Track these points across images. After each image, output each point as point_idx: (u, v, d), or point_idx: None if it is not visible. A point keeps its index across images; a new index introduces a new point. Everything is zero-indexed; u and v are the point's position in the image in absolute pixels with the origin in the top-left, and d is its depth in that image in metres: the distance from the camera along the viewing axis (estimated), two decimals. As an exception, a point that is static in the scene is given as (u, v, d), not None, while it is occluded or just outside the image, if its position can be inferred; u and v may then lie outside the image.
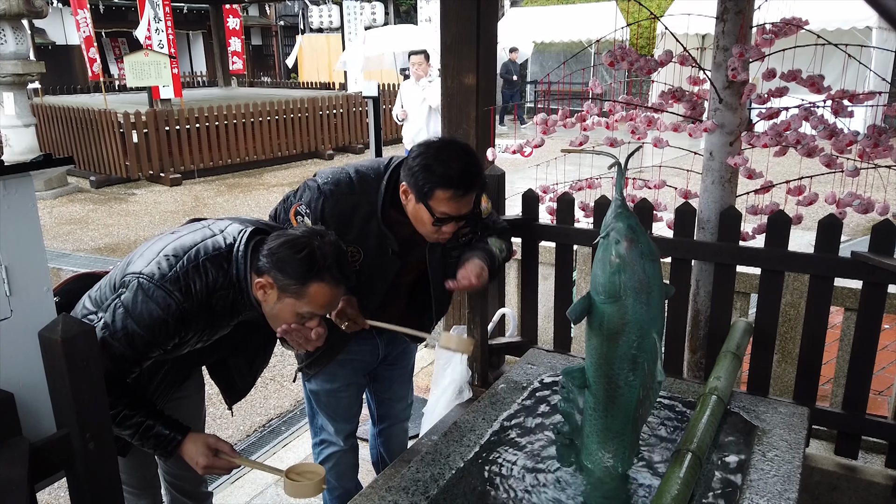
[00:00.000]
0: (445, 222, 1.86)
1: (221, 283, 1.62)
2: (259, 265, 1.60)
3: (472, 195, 1.85)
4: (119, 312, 1.57)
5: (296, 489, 1.72)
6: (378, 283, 2.05)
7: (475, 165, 1.85)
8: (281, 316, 1.62)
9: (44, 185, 9.11)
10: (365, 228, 1.96)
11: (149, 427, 1.63)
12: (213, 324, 1.67)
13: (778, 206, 2.41)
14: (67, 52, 18.66)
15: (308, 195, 1.95)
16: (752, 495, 1.60)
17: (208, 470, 1.69)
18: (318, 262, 1.55)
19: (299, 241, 1.58)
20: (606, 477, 1.71)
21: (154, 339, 1.58)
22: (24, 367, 1.35)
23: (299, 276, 1.55)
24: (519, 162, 3.27)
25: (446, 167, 1.79)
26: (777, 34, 2.30)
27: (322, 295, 1.58)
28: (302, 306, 1.58)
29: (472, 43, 2.65)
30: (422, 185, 1.81)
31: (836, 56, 2.45)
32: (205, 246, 1.64)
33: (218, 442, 1.70)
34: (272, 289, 1.59)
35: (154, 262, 1.61)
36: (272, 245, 1.59)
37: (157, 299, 1.56)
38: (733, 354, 2.11)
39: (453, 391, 2.79)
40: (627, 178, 2.70)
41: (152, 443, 1.65)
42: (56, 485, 2.68)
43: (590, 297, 1.66)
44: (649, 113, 2.68)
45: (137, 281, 1.58)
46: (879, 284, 2.17)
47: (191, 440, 1.68)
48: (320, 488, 1.72)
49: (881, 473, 2.30)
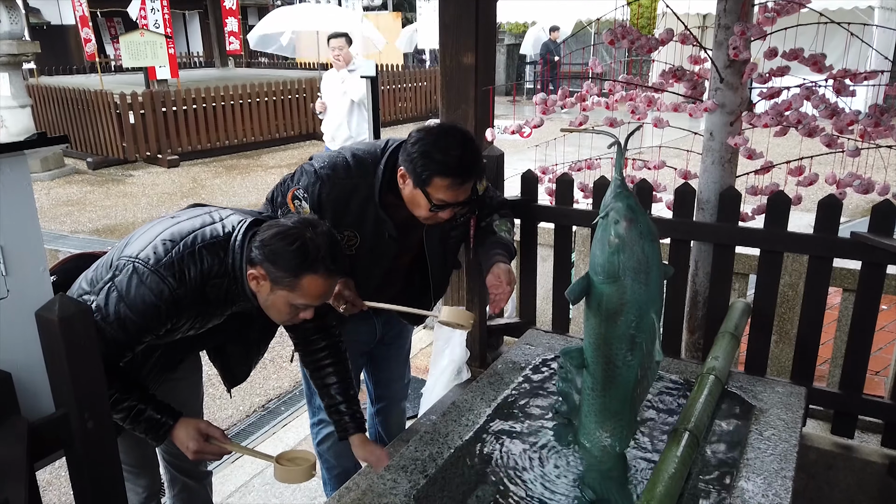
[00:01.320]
0: (442, 209, 1.86)
1: (217, 271, 1.61)
2: (252, 256, 1.58)
3: (470, 183, 1.84)
4: (112, 296, 1.57)
5: (286, 475, 1.73)
6: (375, 266, 2.04)
7: (474, 153, 1.84)
8: (275, 307, 1.62)
9: (40, 166, 9.07)
10: (362, 212, 1.95)
11: (140, 411, 1.64)
12: (205, 311, 1.66)
13: (778, 187, 2.40)
14: (63, 32, 18.48)
15: (305, 179, 1.94)
16: (749, 473, 1.62)
17: (199, 455, 1.69)
18: (311, 255, 1.53)
19: (291, 232, 1.55)
20: (604, 456, 1.72)
21: (146, 325, 1.57)
22: (22, 346, 1.35)
23: (292, 268, 1.54)
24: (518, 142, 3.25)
25: (445, 154, 1.78)
26: (779, 12, 2.28)
27: (316, 287, 1.57)
28: (295, 298, 1.58)
29: (470, 21, 2.61)
30: (420, 172, 1.80)
31: (838, 35, 2.43)
32: (202, 233, 1.63)
33: (209, 427, 1.70)
34: (265, 280, 1.58)
35: (150, 247, 1.60)
36: (264, 236, 1.57)
37: (151, 284, 1.55)
38: (731, 335, 2.11)
39: (452, 372, 2.80)
40: (627, 158, 2.69)
41: (143, 427, 1.66)
42: (56, 464, 2.70)
43: (588, 277, 1.66)
44: (649, 93, 2.66)
45: (133, 265, 1.57)
46: (878, 265, 2.16)
47: (182, 425, 1.68)
48: (310, 474, 1.73)
49: (877, 452, 2.32)
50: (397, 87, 13.91)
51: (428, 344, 3.72)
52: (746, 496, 1.54)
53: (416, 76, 14.49)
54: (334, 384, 1.92)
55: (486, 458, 1.76)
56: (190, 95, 10.36)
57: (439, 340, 2.89)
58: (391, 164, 1.94)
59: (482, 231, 2.14)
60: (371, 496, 1.58)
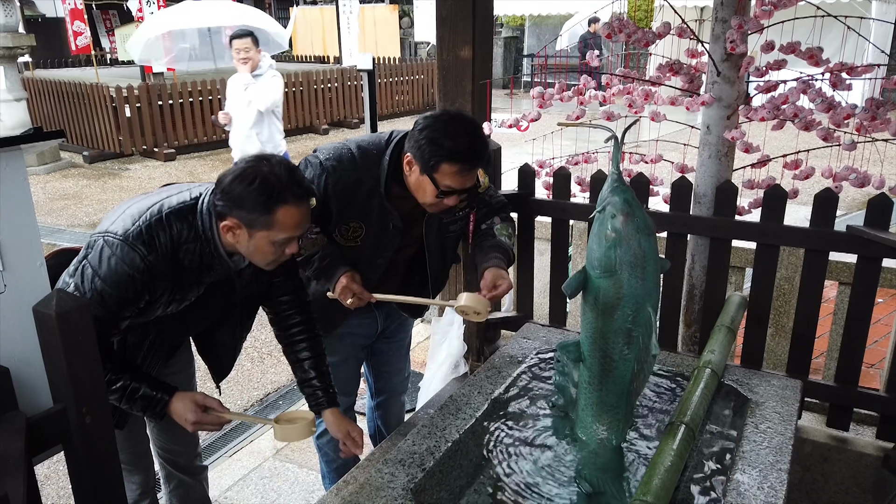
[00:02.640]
0: (449, 195, 1.86)
1: (187, 236, 1.61)
2: (219, 209, 1.58)
3: (477, 170, 1.86)
4: (87, 273, 1.57)
5: (286, 433, 1.76)
6: (378, 257, 2.05)
7: (482, 140, 1.86)
8: (259, 250, 1.60)
9: (36, 160, 9.03)
10: (367, 204, 1.96)
11: (134, 389, 1.64)
12: (182, 280, 1.65)
13: (774, 181, 2.40)
14: (58, 25, 18.34)
15: (311, 171, 1.95)
16: (745, 466, 1.62)
17: (198, 426, 1.69)
18: (275, 186, 1.53)
19: (248, 172, 1.55)
20: (601, 449, 1.73)
21: (123, 296, 1.57)
22: (19, 341, 1.35)
23: (261, 205, 1.54)
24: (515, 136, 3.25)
25: (454, 141, 1.79)
26: (776, 6, 2.27)
27: (290, 216, 1.56)
28: (275, 235, 1.57)
29: (468, 14, 2.61)
30: (428, 158, 1.81)
31: (835, 28, 2.43)
32: (169, 201, 1.64)
33: (206, 398, 1.71)
34: (240, 228, 1.58)
35: (119, 221, 1.61)
36: (224, 185, 1.57)
37: (122, 255, 1.55)
38: (728, 328, 2.12)
39: (449, 366, 2.80)
40: (624, 152, 2.69)
41: (140, 405, 1.66)
42: (55, 458, 2.70)
43: (585, 271, 1.66)
44: (647, 86, 2.66)
45: (103, 239, 1.58)
46: (874, 258, 2.17)
47: (178, 398, 1.69)
48: (309, 430, 1.75)
49: (872, 445, 2.33)
50: (394, 81, 13.88)
51: (426, 338, 3.72)
52: (742, 489, 1.55)
53: (413, 69, 14.45)
54: (307, 359, 1.93)
55: (483, 451, 1.77)
56: (186, 89, 10.31)
57: (437, 334, 2.90)
58: (396, 156, 1.94)
59: (482, 234, 2.14)
60: (369, 489, 1.59)
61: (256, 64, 5.03)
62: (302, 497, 2.76)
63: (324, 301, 2.09)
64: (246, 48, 4.96)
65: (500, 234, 2.13)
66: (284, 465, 2.96)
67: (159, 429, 2.07)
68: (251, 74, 5.00)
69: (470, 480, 1.68)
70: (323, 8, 18.58)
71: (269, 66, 5.16)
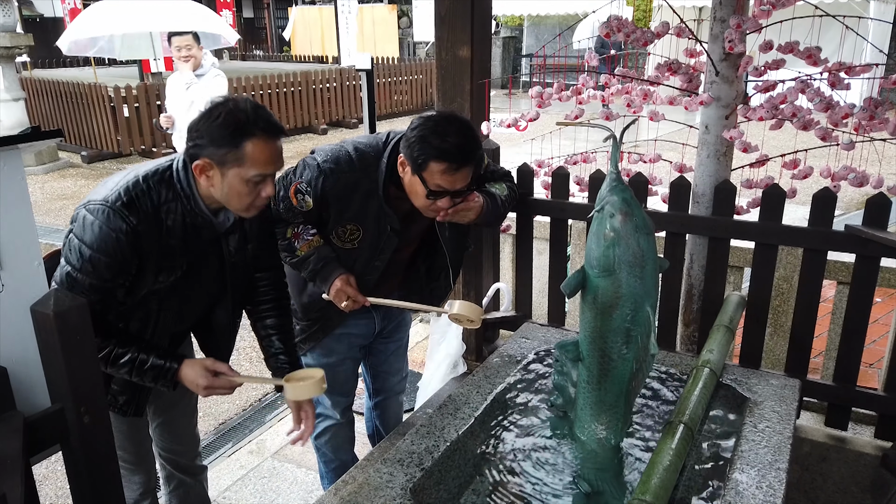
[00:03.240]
0: (439, 196, 1.86)
1: (166, 195, 1.62)
2: (191, 152, 1.59)
3: (467, 170, 1.85)
4: (74, 245, 1.58)
5: (297, 391, 1.75)
6: (376, 259, 2.05)
7: (473, 140, 1.85)
8: (233, 190, 1.60)
9: (35, 160, 9.02)
10: (365, 206, 1.96)
11: (143, 361, 1.65)
12: (169, 244, 1.65)
13: (773, 180, 2.40)
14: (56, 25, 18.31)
15: (308, 173, 1.95)
16: (743, 465, 1.63)
17: (210, 391, 1.70)
18: (242, 119, 1.54)
19: (214, 110, 1.57)
20: (599, 448, 1.73)
21: (113, 260, 1.57)
22: (17, 341, 1.35)
23: (229, 139, 1.54)
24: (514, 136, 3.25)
25: (442, 140, 1.79)
26: (774, 5, 2.27)
27: (260, 150, 1.56)
28: (247, 171, 1.57)
29: (466, 15, 2.61)
30: (416, 157, 1.81)
31: (833, 28, 2.43)
32: (145, 168, 1.66)
33: (215, 363, 1.72)
34: (213, 168, 1.58)
35: (98, 192, 1.62)
36: (192, 128, 1.59)
37: (105, 219, 1.56)
38: (726, 328, 2.12)
39: (448, 365, 2.80)
40: (623, 151, 2.69)
41: (150, 376, 1.67)
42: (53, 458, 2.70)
43: (584, 270, 1.66)
44: (645, 86, 2.66)
45: (84, 209, 1.59)
46: (872, 258, 2.17)
47: (188, 365, 1.69)
48: (320, 387, 1.74)
49: (870, 444, 2.33)
50: (393, 81, 13.88)
51: (424, 338, 3.72)
52: (740, 488, 1.55)
53: (411, 69, 14.45)
54: (275, 334, 1.93)
55: (481, 451, 1.77)
56: (184, 89, 10.29)
57: (435, 334, 2.90)
58: (393, 158, 1.94)
59: None
60: (367, 489, 1.59)
61: (199, 63, 4.80)
62: (300, 497, 2.76)
63: (321, 302, 2.09)
64: (188, 45, 4.72)
65: (493, 187, 2.14)
66: (283, 464, 2.96)
67: (161, 429, 2.07)
68: (194, 74, 4.76)
69: (468, 480, 1.68)
70: (321, 8, 18.58)
71: (213, 64, 4.95)
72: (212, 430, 3.31)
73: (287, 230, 2.03)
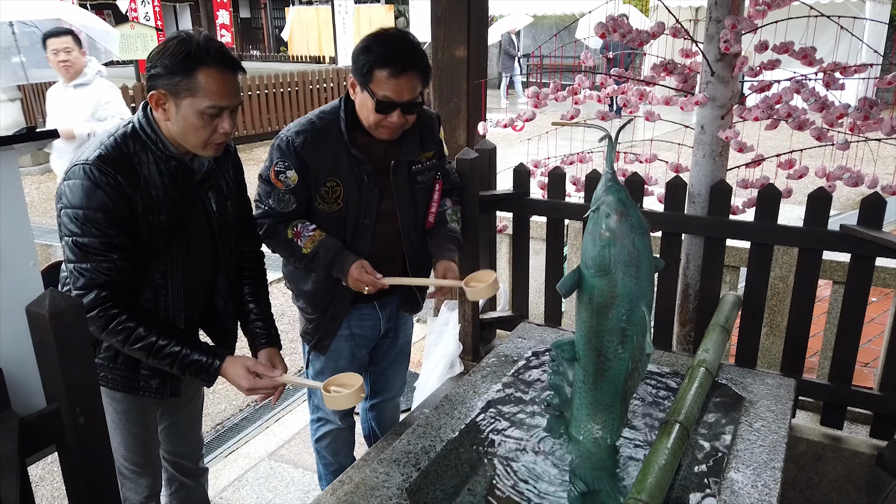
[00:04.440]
0: (389, 108, 1.90)
1: (134, 147, 1.63)
2: (148, 85, 1.61)
3: (411, 77, 1.89)
4: (68, 214, 1.58)
5: (335, 401, 1.75)
6: (363, 217, 2.07)
7: (416, 49, 1.92)
8: (188, 124, 1.60)
9: (31, 160, 9.00)
10: (338, 158, 2.01)
11: (185, 356, 1.67)
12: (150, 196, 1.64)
13: (768, 180, 2.41)
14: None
15: (279, 152, 2.00)
16: (739, 464, 1.63)
17: (252, 392, 1.72)
18: (192, 48, 1.55)
19: (168, 42, 1.59)
20: (595, 448, 1.73)
21: (108, 214, 1.57)
22: (13, 341, 1.35)
23: (181, 67, 1.55)
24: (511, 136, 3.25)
25: (384, 47, 1.87)
26: (770, 6, 2.28)
27: (213, 80, 1.57)
28: (200, 101, 1.57)
29: (463, 15, 2.62)
30: (362, 67, 1.89)
31: (829, 28, 2.44)
32: (109, 133, 1.67)
33: (256, 364, 1.74)
34: (167, 100, 1.59)
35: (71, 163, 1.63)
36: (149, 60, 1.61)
37: (84, 177, 1.56)
38: (722, 327, 2.13)
39: (445, 365, 2.80)
40: (618, 151, 2.69)
41: (191, 370, 1.69)
42: (49, 459, 2.70)
43: (580, 270, 1.66)
44: (641, 86, 2.67)
45: (63, 182, 1.60)
46: (867, 257, 2.18)
47: (231, 364, 1.71)
48: (359, 396, 1.74)
49: (865, 443, 2.34)
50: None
51: (421, 338, 3.73)
52: (736, 487, 1.56)
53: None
54: (251, 301, 1.94)
55: (478, 450, 1.77)
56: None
57: (432, 334, 2.90)
58: (350, 104, 2.01)
59: (439, 217, 2.22)
60: (364, 489, 1.59)
61: (80, 69, 3.98)
62: (298, 497, 2.76)
63: (328, 286, 2.09)
64: (67, 49, 3.90)
65: (452, 220, 2.23)
66: (280, 465, 2.96)
67: (167, 431, 2.07)
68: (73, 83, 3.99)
69: (465, 480, 1.68)
70: (318, 8, 18.59)
71: (98, 72, 4.10)
72: (209, 431, 3.31)
73: (287, 231, 2.03)
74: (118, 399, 1.83)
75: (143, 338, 1.63)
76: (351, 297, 2.13)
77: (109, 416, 1.79)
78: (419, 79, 1.92)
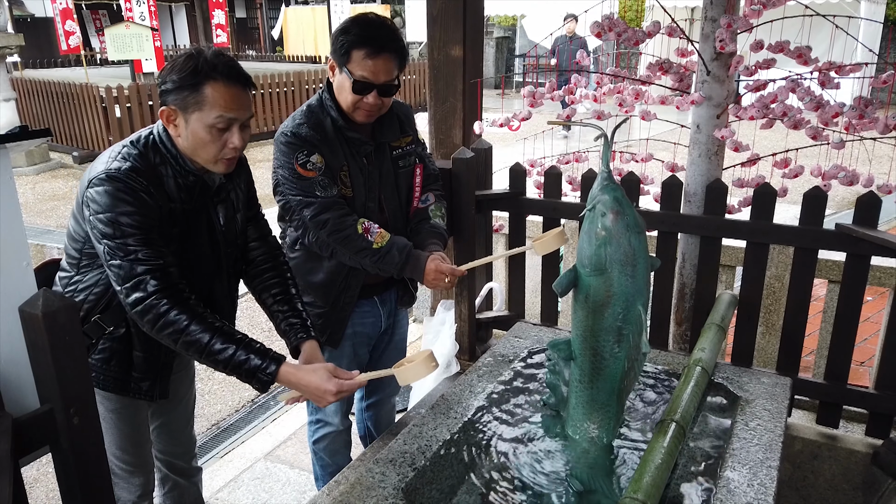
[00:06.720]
0: (365, 89, 1.93)
1: (155, 158, 1.63)
2: (161, 101, 1.61)
3: (387, 58, 1.93)
4: (101, 220, 1.55)
5: (407, 374, 1.71)
6: (368, 200, 2.08)
7: (393, 31, 1.96)
8: (196, 137, 1.59)
9: (25, 160, 8.98)
10: (337, 138, 2.03)
11: (241, 361, 1.60)
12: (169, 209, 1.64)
13: (764, 179, 2.41)
14: (47, 25, 18.23)
15: (291, 146, 1.99)
16: (735, 463, 1.63)
17: (340, 396, 1.65)
18: (201, 63, 1.55)
19: (178, 58, 1.59)
20: (591, 447, 1.73)
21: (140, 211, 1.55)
22: (6, 342, 1.34)
23: (188, 81, 1.55)
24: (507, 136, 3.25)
25: (362, 28, 1.91)
26: (765, 5, 2.28)
27: (221, 94, 1.56)
28: (208, 115, 1.56)
29: (458, 14, 2.61)
30: (339, 48, 1.93)
31: (824, 27, 2.44)
32: (128, 139, 1.67)
33: (337, 368, 1.69)
34: (177, 115, 1.59)
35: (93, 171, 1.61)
36: (160, 77, 1.62)
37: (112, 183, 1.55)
38: (718, 326, 2.13)
39: (441, 365, 2.80)
40: (614, 151, 2.69)
41: (245, 375, 1.62)
42: (43, 460, 2.69)
43: (576, 269, 1.66)
44: (637, 85, 2.67)
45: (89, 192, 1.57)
46: (863, 256, 2.18)
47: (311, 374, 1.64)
48: (429, 366, 1.70)
49: (861, 442, 2.35)
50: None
51: (417, 337, 3.72)
52: (732, 486, 1.55)
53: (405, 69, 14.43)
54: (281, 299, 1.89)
55: (474, 450, 1.76)
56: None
57: (429, 334, 2.90)
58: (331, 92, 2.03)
59: (419, 213, 2.22)
60: (360, 489, 1.59)
61: None
62: (293, 497, 2.75)
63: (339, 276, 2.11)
64: None
65: (435, 216, 2.22)
66: (276, 465, 2.95)
67: (160, 431, 2.06)
68: None
69: (461, 479, 1.68)
70: (314, 8, 18.56)
71: None
72: (205, 431, 3.30)
73: (357, 225, 2.01)
74: (109, 399, 1.82)
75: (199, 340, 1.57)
76: (360, 284, 2.15)
77: (100, 415, 1.78)
78: (395, 61, 1.95)
